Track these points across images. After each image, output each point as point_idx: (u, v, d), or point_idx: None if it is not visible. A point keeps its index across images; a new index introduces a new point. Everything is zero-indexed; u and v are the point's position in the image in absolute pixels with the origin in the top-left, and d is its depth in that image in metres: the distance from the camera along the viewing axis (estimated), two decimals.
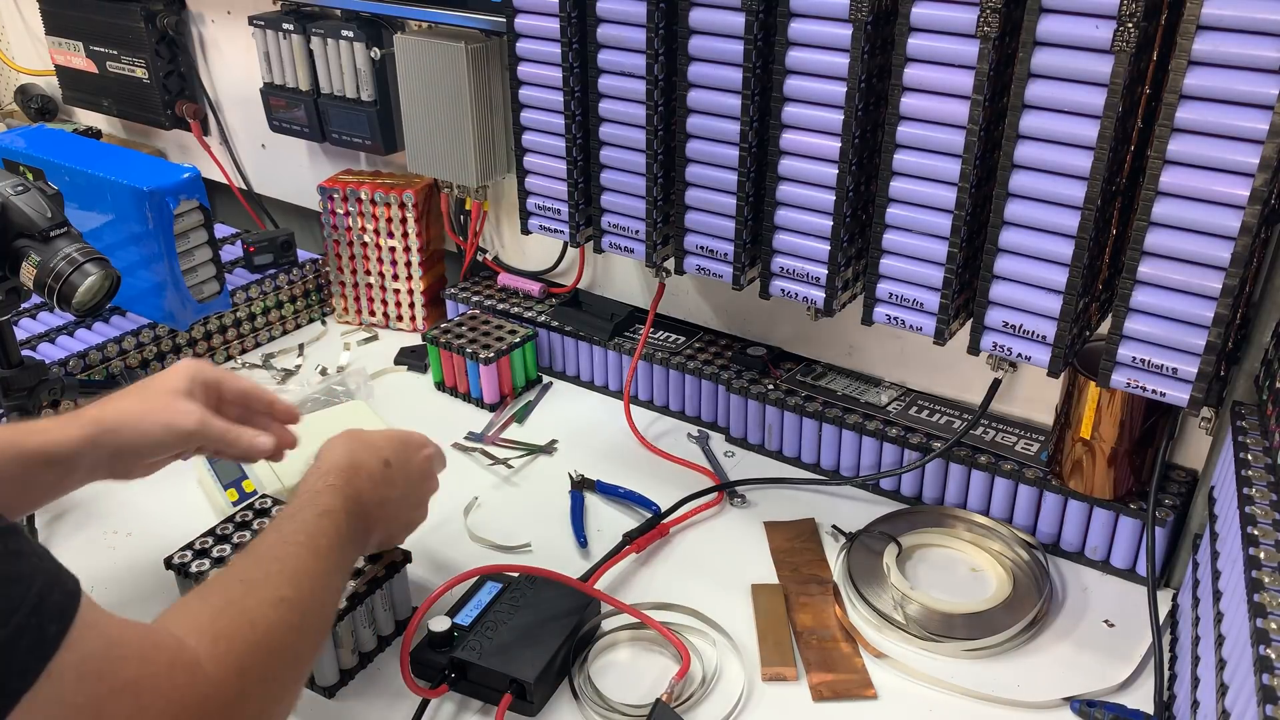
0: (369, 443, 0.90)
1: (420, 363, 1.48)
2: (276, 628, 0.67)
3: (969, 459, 1.13)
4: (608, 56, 1.04)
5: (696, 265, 1.09)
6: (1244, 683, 0.68)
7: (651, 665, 0.98)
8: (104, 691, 0.55)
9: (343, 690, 0.96)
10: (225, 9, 1.64)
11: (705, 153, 1.03)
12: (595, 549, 1.13)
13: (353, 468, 0.86)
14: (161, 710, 0.57)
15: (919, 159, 0.91)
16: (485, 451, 1.30)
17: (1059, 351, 0.90)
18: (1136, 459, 1.04)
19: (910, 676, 0.97)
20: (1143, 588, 1.03)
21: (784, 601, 1.05)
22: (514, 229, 1.51)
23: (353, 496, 0.83)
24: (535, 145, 1.13)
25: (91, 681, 0.54)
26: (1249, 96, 0.75)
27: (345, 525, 0.80)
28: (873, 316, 1.00)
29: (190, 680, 0.59)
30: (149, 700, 0.56)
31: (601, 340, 1.39)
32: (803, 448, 1.25)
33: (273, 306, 1.55)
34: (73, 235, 1.08)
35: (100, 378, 1.34)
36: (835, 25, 0.90)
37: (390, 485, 0.89)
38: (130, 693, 0.56)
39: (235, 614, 0.66)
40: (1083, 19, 0.79)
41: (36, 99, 2.00)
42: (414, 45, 1.32)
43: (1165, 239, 0.82)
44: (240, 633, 0.64)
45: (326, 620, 0.77)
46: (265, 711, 0.66)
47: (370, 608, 0.97)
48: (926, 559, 1.11)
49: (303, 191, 1.70)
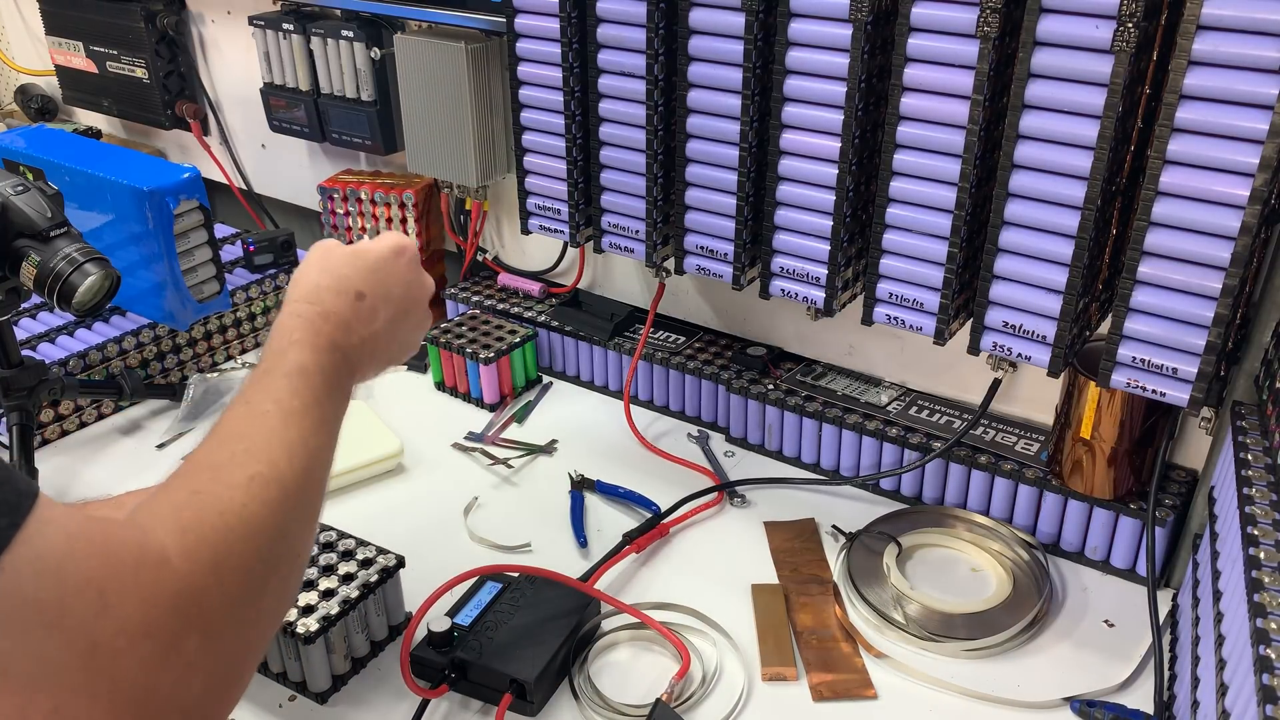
0: (336, 276, 0.79)
1: (420, 363, 1.48)
2: (251, 509, 0.62)
3: (969, 459, 1.13)
4: (608, 56, 1.04)
5: (696, 265, 1.09)
6: (1244, 683, 0.68)
7: (651, 665, 0.98)
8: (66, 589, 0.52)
9: (335, 696, 0.95)
10: (225, 9, 1.64)
11: (705, 153, 1.03)
12: (595, 549, 1.13)
13: (321, 316, 0.76)
14: (132, 607, 0.54)
15: (919, 159, 0.91)
16: (485, 451, 1.30)
17: (1059, 351, 0.90)
18: (1136, 459, 1.04)
19: (910, 676, 0.97)
20: (1143, 588, 1.03)
21: (784, 601, 1.05)
22: (514, 229, 1.51)
23: (326, 346, 0.75)
24: (535, 145, 1.13)
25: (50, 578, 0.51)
26: (1249, 96, 0.75)
27: (320, 379, 0.73)
28: (873, 316, 1.00)
29: (158, 576, 0.55)
30: (115, 598, 0.53)
31: (601, 340, 1.39)
32: (803, 448, 1.25)
33: (273, 306, 1.55)
34: (73, 235, 1.08)
35: (100, 378, 1.34)
36: (835, 25, 0.90)
37: (370, 318, 0.79)
38: (93, 589, 0.52)
39: (202, 502, 0.61)
40: (1083, 19, 0.79)
41: (36, 99, 2.00)
42: (414, 45, 1.32)
43: (1165, 239, 0.82)
44: (209, 520, 0.60)
45: (315, 487, 0.70)
46: (251, 601, 0.61)
47: (363, 613, 0.97)
48: (926, 559, 1.11)
49: (303, 191, 1.70)
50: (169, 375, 1.43)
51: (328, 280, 0.78)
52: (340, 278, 0.79)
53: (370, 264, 0.81)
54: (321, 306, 0.76)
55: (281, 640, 0.93)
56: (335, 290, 0.78)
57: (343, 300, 0.78)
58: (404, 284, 0.83)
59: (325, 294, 0.77)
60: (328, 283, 0.78)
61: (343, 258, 0.80)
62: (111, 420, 1.37)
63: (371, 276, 0.80)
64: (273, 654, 0.96)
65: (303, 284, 0.78)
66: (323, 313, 0.76)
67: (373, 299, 0.79)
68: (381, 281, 0.81)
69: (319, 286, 0.77)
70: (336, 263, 0.80)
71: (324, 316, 0.76)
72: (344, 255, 0.80)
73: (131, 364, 1.38)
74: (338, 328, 0.76)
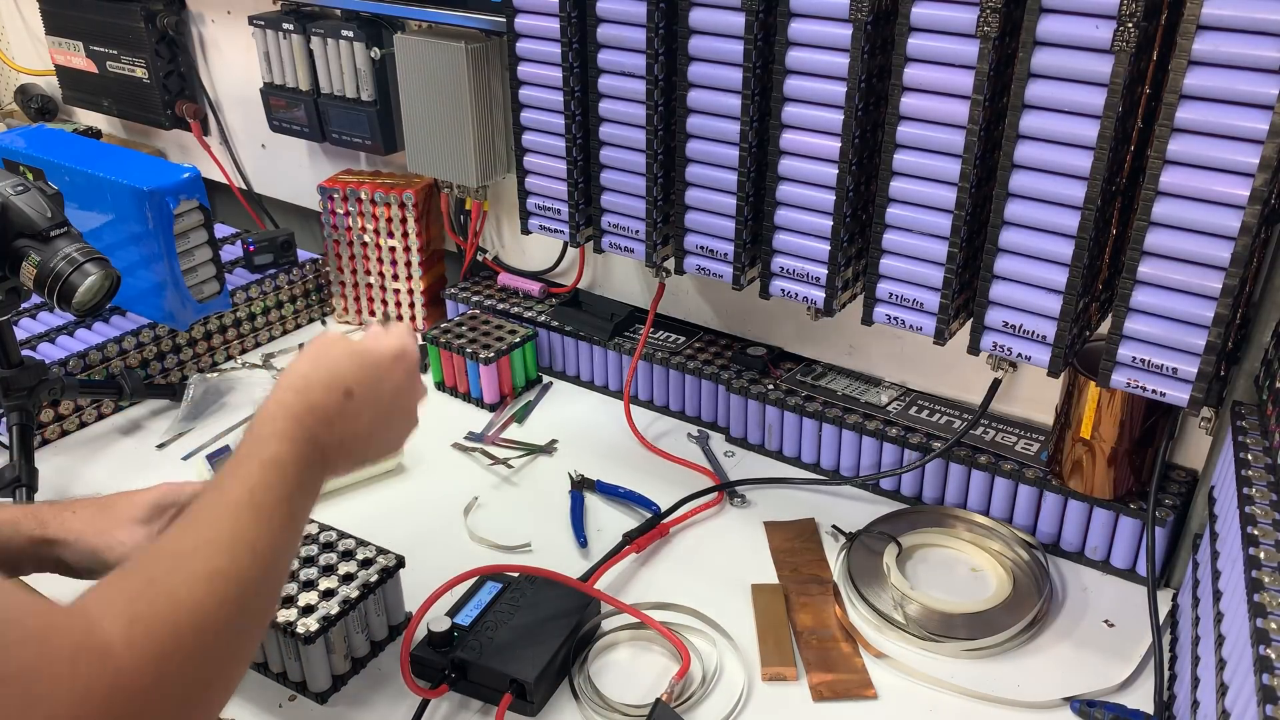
0: (330, 371, 0.78)
1: (420, 363, 1.48)
2: (206, 605, 0.61)
3: (969, 459, 1.13)
4: (608, 56, 1.04)
5: (696, 265, 1.09)
6: (1244, 683, 0.68)
7: (651, 665, 0.98)
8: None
9: (335, 696, 0.95)
10: (225, 9, 1.64)
11: (705, 152, 1.03)
12: (595, 549, 1.13)
13: (307, 408, 0.75)
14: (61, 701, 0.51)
15: (919, 159, 0.91)
16: (485, 451, 1.30)
17: (1059, 351, 0.90)
18: (1136, 459, 1.04)
19: (910, 676, 0.97)
20: (1143, 588, 1.03)
21: (784, 601, 1.05)
22: (514, 229, 1.51)
23: (305, 439, 0.74)
24: (535, 145, 1.13)
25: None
26: (1249, 96, 0.75)
27: (295, 474, 0.72)
28: (873, 316, 1.00)
29: (98, 668, 0.53)
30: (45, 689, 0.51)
31: (601, 340, 1.39)
32: (803, 448, 1.25)
33: (273, 306, 1.55)
34: (73, 235, 1.09)
35: (100, 378, 1.34)
36: (835, 25, 0.90)
37: (354, 418, 0.79)
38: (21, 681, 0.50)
39: (157, 593, 0.59)
40: (1083, 19, 0.79)
41: (36, 99, 2.00)
42: (414, 45, 1.32)
43: (1165, 239, 0.82)
44: (160, 614, 0.58)
45: (274, 586, 0.70)
46: (193, 697, 0.59)
47: (363, 613, 0.97)
48: (926, 559, 1.11)
49: (303, 191, 1.70)
50: (169, 375, 1.43)
51: (320, 374, 0.78)
52: (333, 373, 0.78)
53: (366, 364, 0.80)
54: (308, 399, 0.76)
55: (281, 640, 0.93)
56: (325, 385, 0.77)
57: (331, 396, 0.77)
58: (396, 389, 0.82)
59: (315, 387, 0.77)
60: (320, 376, 0.77)
61: (340, 353, 0.80)
62: (111, 420, 1.37)
63: (365, 376, 0.79)
64: (273, 654, 0.96)
65: (295, 373, 0.78)
66: (309, 405, 0.75)
67: (361, 399, 0.78)
68: (374, 383, 0.80)
69: (309, 379, 0.77)
70: (333, 357, 0.79)
71: (309, 409, 0.75)
72: (342, 351, 0.80)
73: (131, 364, 1.38)
74: (320, 422, 0.75)
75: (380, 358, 0.82)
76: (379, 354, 0.82)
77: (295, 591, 0.94)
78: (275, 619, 0.91)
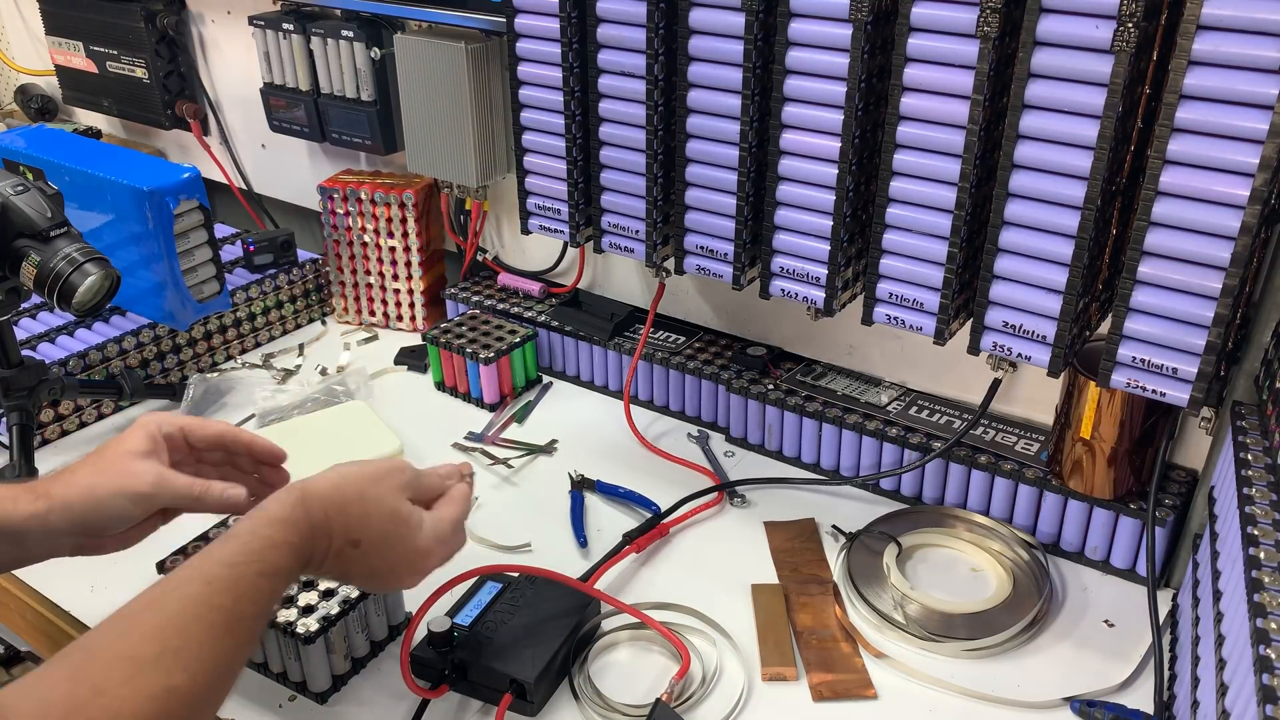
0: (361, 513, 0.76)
1: (420, 363, 1.48)
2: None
3: (969, 459, 1.13)
4: (608, 56, 1.04)
5: (696, 265, 1.09)
6: (1244, 683, 0.68)
7: (651, 665, 0.98)
8: None
9: (335, 696, 0.95)
10: (225, 9, 1.64)
11: (705, 152, 1.03)
12: (595, 549, 1.13)
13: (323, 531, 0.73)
14: None
15: (919, 159, 0.91)
16: (485, 451, 1.30)
17: (1059, 351, 0.90)
18: (1136, 459, 1.04)
19: (910, 676, 0.97)
20: (1143, 588, 1.03)
21: (784, 601, 1.05)
22: (514, 229, 1.51)
23: (303, 560, 0.71)
24: (535, 145, 1.13)
25: None
26: (1249, 96, 0.75)
27: (281, 588, 0.69)
28: (873, 316, 1.00)
29: None
30: None
31: (601, 340, 1.39)
32: (803, 448, 1.25)
33: (273, 306, 1.55)
34: (73, 235, 1.09)
35: (100, 378, 1.34)
36: (835, 25, 0.90)
37: (353, 563, 0.76)
38: None
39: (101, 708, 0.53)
40: (1083, 19, 0.79)
41: (36, 99, 2.00)
42: (414, 45, 1.32)
43: (1165, 239, 0.82)
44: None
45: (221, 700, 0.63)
46: None
47: (363, 613, 0.97)
48: (926, 559, 1.11)
49: (303, 191, 1.70)
50: (169, 375, 1.43)
51: (357, 510, 0.75)
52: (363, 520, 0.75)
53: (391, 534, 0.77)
54: (329, 525, 0.73)
55: (281, 640, 0.93)
56: (347, 525, 0.75)
57: (343, 536, 0.74)
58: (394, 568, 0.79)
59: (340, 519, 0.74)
60: (355, 513, 0.75)
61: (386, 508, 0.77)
62: (111, 420, 1.37)
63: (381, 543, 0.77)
64: (273, 654, 0.96)
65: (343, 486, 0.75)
66: (325, 530, 0.73)
67: (368, 551, 0.76)
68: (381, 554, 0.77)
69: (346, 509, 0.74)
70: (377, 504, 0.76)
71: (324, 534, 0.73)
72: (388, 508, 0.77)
73: (131, 364, 1.38)
74: (319, 551, 0.73)
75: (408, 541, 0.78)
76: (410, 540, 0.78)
77: (295, 591, 0.94)
78: (275, 619, 0.91)
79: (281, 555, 0.69)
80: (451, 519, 0.82)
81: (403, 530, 0.78)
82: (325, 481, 0.76)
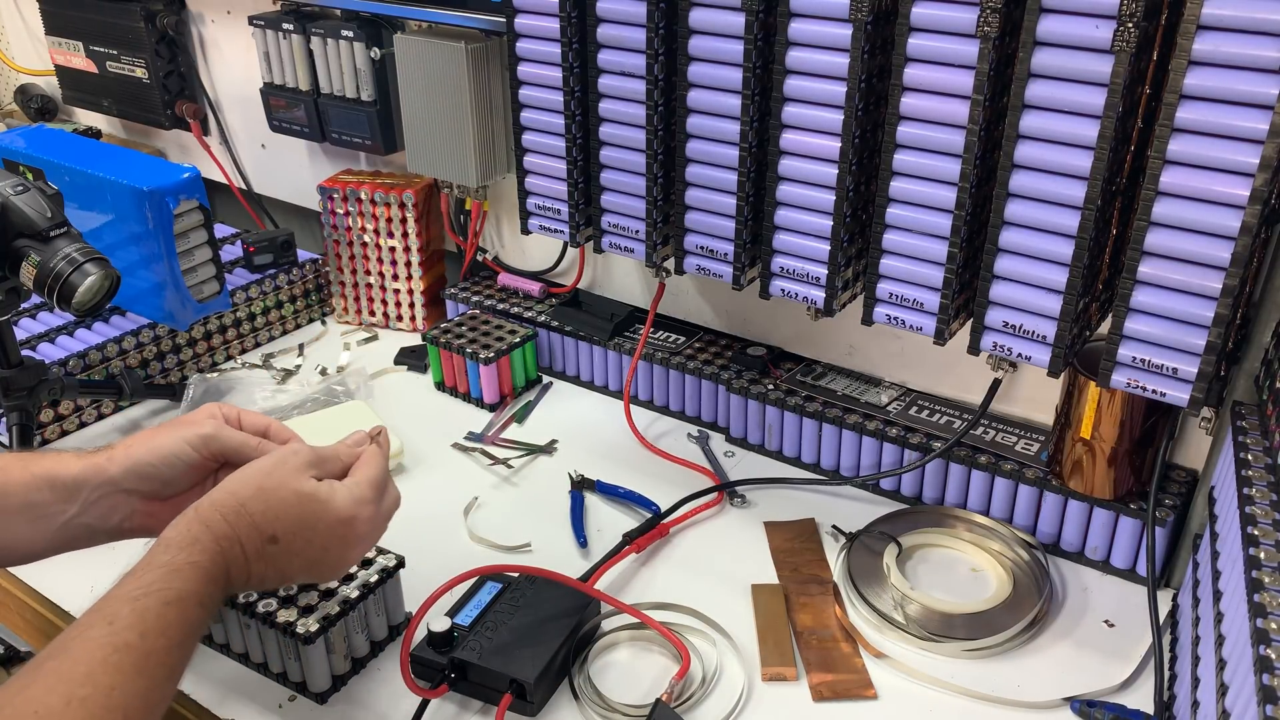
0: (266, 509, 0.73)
1: (420, 363, 1.48)
2: None
3: (969, 459, 1.13)
4: (608, 56, 1.04)
5: (696, 265, 1.09)
6: (1244, 683, 0.68)
7: (651, 665, 0.98)
8: None
9: (335, 696, 0.95)
10: (225, 9, 1.64)
11: (705, 152, 1.03)
12: (595, 549, 1.13)
13: (230, 539, 0.70)
14: None
15: (919, 159, 0.91)
16: (485, 451, 1.30)
17: (1059, 351, 0.90)
18: (1136, 459, 1.04)
19: (910, 676, 0.97)
20: (1143, 588, 1.03)
21: (784, 601, 1.05)
22: (514, 229, 1.51)
23: (217, 577, 0.68)
24: (535, 145, 1.13)
25: None
26: (1249, 96, 0.75)
27: (196, 615, 0.65)
28: (873, 316, 1.00)
29: None
30: None
31: (601, 340, 1.39)
32: (803, 448, 1.25)
33: (273, 306, 1.55)
34: (73, 235, 1.09)
35: (100, 378, 1.34)
36: (835, 25, 0.90)
37: (273, 561, 0.73)
38: None
39: None
40: (1083, 19, 0.79)
41: (36, 99, 2.00)
42: (414, 45, 1.32)
43: (1165, 239, 0.82)
44: None
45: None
46: None
47: (363, 613, 0.97)
48: (926, 559, 1.11)
49: (303, 191, 1.70)
50: (169, 375, 1.43)
51: (259, 505, 0.73)
52: (269, 513, 0.72)
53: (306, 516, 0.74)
54: (234, 531, 0.71)
55: (281, 640, 0.93)
56: (254, 524, 0.72)
57: (254, 539, 0.72)
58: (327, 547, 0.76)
59: (244, 520, 0.71)
60: (256, 508, 0.72)
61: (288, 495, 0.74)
62: (111, 420, 1.37)
63: (301, 529, 0.74)
64: (273, 654, 0.96)
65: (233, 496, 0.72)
66: (232, 537, 0.71)
67: (286, 547, 0.73)
68: (307, 539, 0.74)
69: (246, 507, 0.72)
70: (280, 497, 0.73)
71: (232, 541, 0.71)
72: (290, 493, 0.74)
73: (131, 364, 1.38)
74: (235, 561, 0.71)
75: (325, 517, 0.75)
76: (327, 514, 0.75)
77: (295, 591, 0.94)
78: (276, 620, 0.91)
79: (187, 579, 0.65)
80: (369, 479, 0.79)
81: (314, 507, 0.75)
82: (219, 491, 0.73)
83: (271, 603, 0.92)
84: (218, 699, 0.95)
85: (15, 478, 0.79)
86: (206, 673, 0.98)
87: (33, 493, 0.79)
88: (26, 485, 0.79)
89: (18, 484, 0.79)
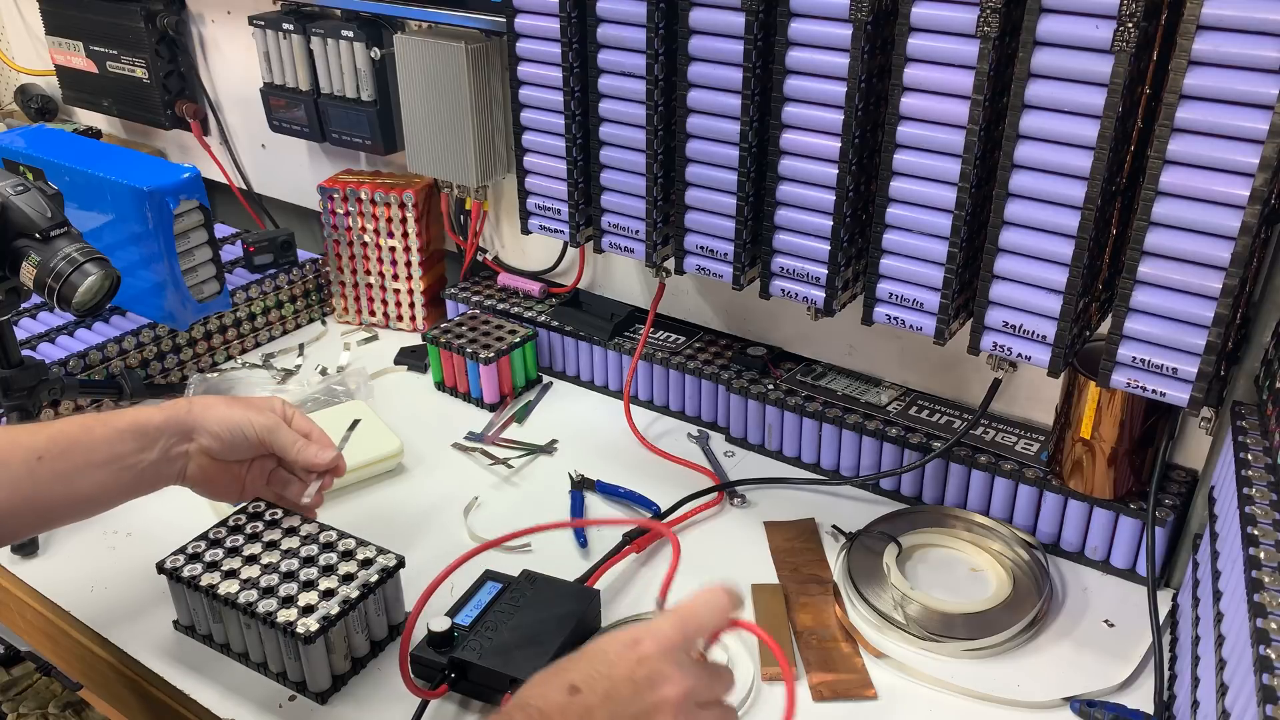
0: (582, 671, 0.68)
1: (420, 363, 1.48)
2: None
3: (969, 459, 1.13)
4: (608, 56, 1.04)
5: (696, 265, 1.09)
6: (1244, 683, 0.68)
7: None
8: None
9: (335, 696, 0.95)
10: (225, 9, 1.64)
11: (705, 152, 1.03)
12: (595, 549, 1.13)
13: None
14: None
15: (919, 159, 0.91)
16: (485, 451, 1.30)
17: (1059, 351, 0.90)
18: (1136, 459, 1.04)
19: (910, 676, 0.97)
20: (1143, 588, 1.03)
21: (784, 601, 1.05)
22: (514, 229, 1.51)
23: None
24: (535, 145, 1.13)
25: None
26: (1249, 96, 0.75)
27: None
28: (873, 316, 1.00)
29: None
30: None
31: (601, 340, 1.39)
32: (803, 448, 1.25)
33: (273, 306, 1.55)
34: (73, 235, 1.09)
35: (100, 378, 1.34)
36: (835, 25, 0.90)
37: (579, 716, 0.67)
38: None
39: None
40: (1083, 19, 0.79)
41: (36, 99, 2.00)
42: (414, 45, 1.32)
43: (1165, 239, 0.82)
44: None
45: None
46: None
47: (363, 613, 0.96)
48: (926, 559, 1.11)
49: (303, 191, 1.70)
50: (169, 375, 1.43)
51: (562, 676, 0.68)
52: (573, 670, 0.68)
53: (591, 651, 0.69)
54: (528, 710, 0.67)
55: (281, 640, 0.93)
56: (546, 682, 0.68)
57: (553, 692, 0.67)
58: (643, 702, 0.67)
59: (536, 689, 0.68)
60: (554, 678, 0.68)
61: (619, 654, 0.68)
62: None
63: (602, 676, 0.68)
64: (273, 654, 0.96)
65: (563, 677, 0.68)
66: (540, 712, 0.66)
67: (588, 697, 0.66)
68: (603, 674, 0.68)
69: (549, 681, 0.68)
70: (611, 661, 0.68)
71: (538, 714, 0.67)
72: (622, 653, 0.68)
73: (131, 364, 1.38)
74: None
75: (612, 642, 0.70)
76: (614, 638, 0.70)
77: (295, 591, 0.94)
78: (276, 620, 0.91)
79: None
80: (678, 614, 0.73)
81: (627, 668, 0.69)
82: (538, 686, 0.69)
83: (272, 603, 0.92)
84: (218, 699, 0.95)
85: (99, 434, 0.91)
86: (207, 673, 0.98)
87: (116, 444, 0.91)
88: (110, 439, 0.91)
89: (102, 439, 0.91)
